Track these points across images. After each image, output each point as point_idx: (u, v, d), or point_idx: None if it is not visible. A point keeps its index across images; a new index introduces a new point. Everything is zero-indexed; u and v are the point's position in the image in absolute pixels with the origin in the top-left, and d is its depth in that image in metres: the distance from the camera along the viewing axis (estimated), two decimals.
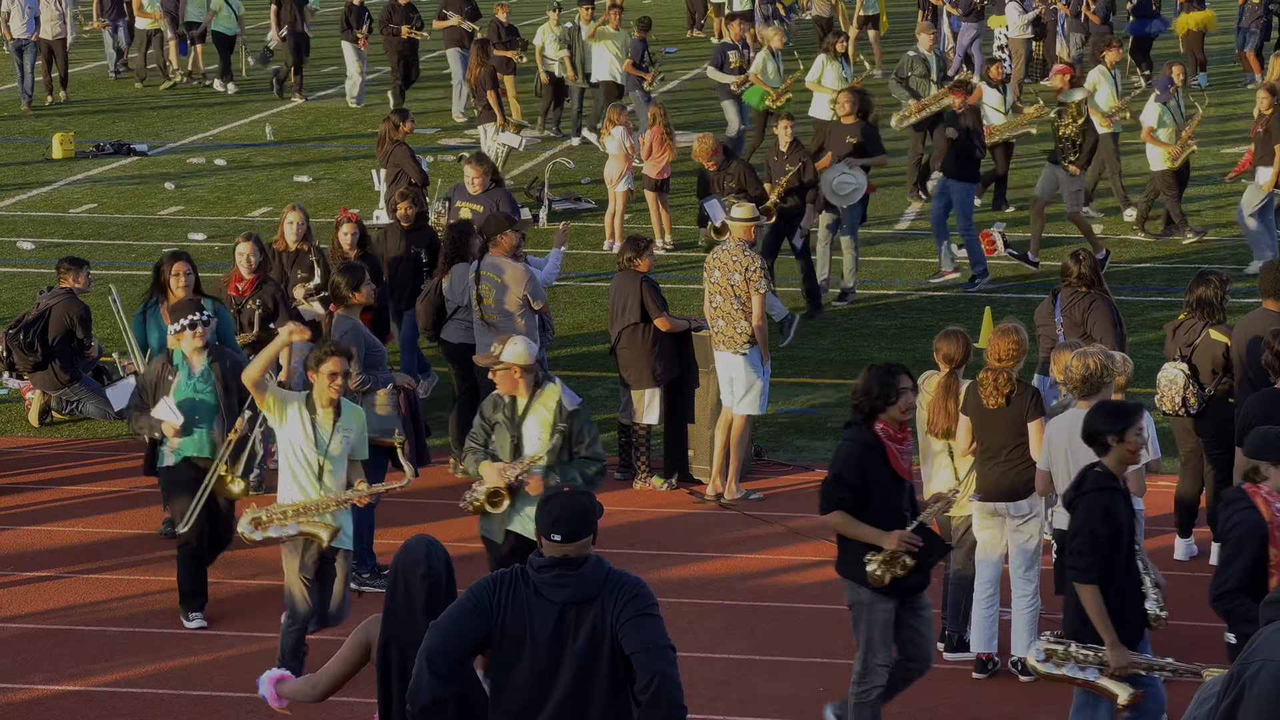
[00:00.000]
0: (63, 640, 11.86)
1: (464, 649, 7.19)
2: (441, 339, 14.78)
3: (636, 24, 27.19)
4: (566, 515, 7.11)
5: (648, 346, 14.28)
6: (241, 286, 14.36)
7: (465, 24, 28.51)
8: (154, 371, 12.24)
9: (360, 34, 29.50)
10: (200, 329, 12.08)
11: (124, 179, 25.58)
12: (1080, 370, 10.43)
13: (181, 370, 12.11)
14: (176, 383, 12.08)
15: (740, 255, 14.08)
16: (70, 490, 14.50)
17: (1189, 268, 18.95)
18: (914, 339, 17.96)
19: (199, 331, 12.08)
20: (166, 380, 12.13)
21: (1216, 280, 12.73)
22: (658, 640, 7.05)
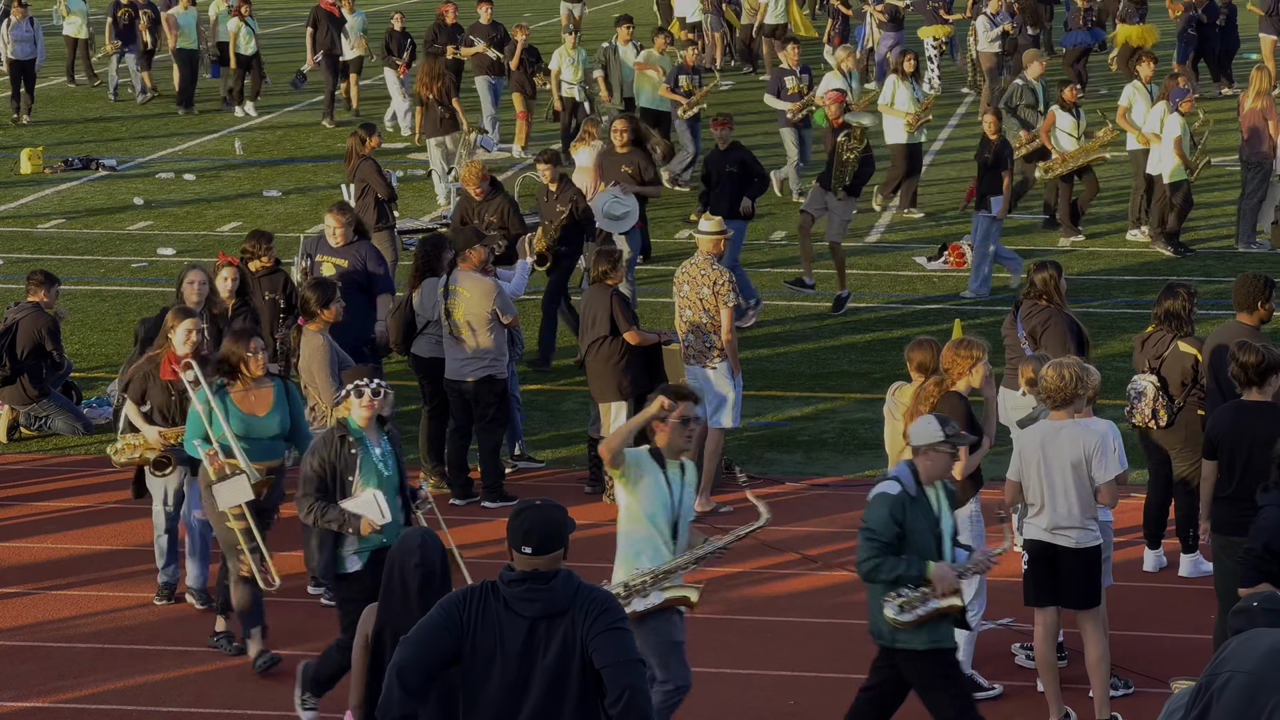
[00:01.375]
0: (31, 657, 11.81)
1: (434, 663, 7.19)
2: (412, 353, 14.76)
3: (682, 47, 26.79)
4: (538, 528, 7.11)
5: (616, 360, 14.28)
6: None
7: (490, 50, 27.55)
8: (330, 448, 10.26)
9: (400, 61, 28.59)
10: (377, 396, 10.32)
11: (93, 194, 25.52)
12: (1055, 381, 10.46)
13: (363, 445, 10.31)
14: (360, 461, 10.30)
15: (708, 269, 14.09)
16: (38, 506, 14.45)
17: (1158, 280, 19.01)
18: (884, 352, 18.00)
19: (372, 401, 10.32)
20: (350, 458, 10.29)
21: (1184, 292, 12.77)
22: (628, 654, 7.05)
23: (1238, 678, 6.59)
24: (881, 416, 12.04)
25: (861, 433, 15.82)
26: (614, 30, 26.88)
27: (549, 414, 16.51)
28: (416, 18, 34.95)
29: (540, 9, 43.40)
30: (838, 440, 15.79)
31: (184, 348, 11.83)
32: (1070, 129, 21.99)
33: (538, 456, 15.40)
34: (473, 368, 14.18)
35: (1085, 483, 10.45)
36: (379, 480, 10.24)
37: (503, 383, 14.29)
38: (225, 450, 11.15)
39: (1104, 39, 32.12)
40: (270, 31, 38.05)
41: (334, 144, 28.27)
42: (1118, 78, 31.47)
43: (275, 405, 11.43)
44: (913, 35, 32.63)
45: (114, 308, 19.73)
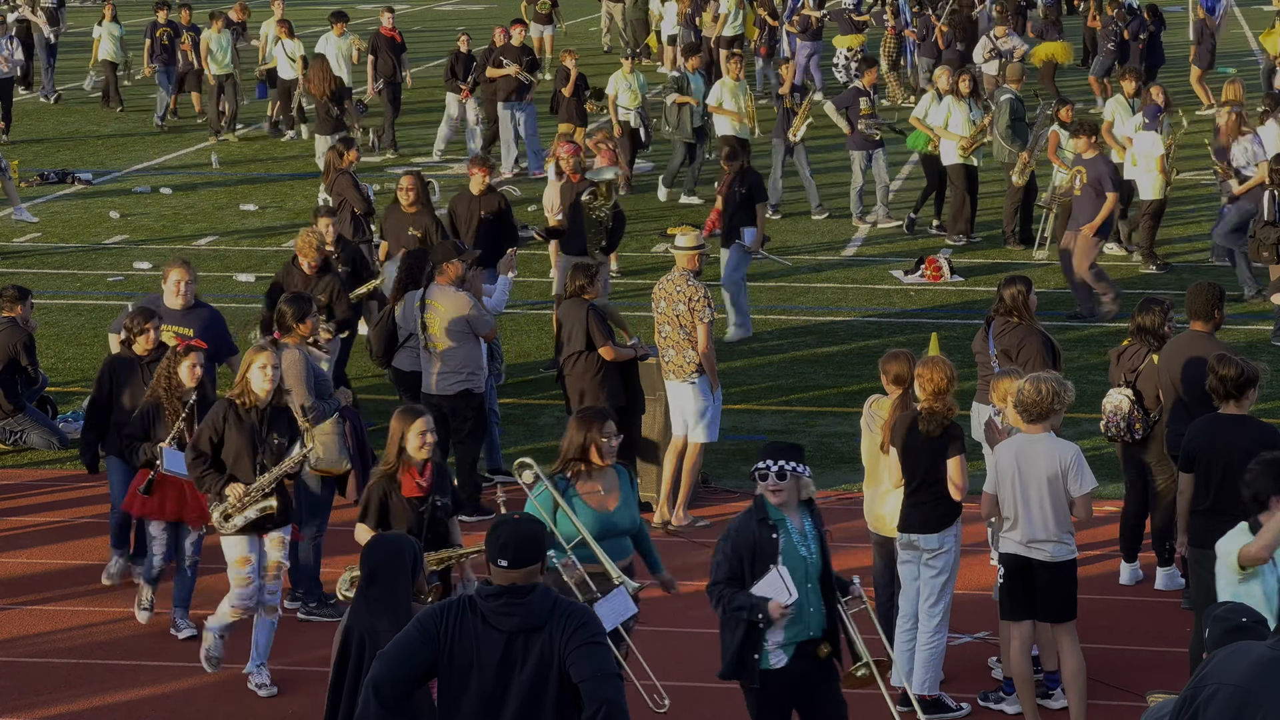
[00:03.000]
0: (6, 672, 11.77)
1: (411, 677, 7.19)
2: (393, 366, 14.76)
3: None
4: (514, 541, 7.13)
5: (593, 374, 14.29)
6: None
7: (522, 74, 26.74)
8: (749, 531, 9.27)
9: (464, 85, 27.56)
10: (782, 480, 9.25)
11: (68, 208, 25.47)
12: (1032, 395, 10.48)
13: (783, 526, 9.29)
14: (780, 544, 9.25)
15: (684, 285, 14.10)
16: (14, 521, 14.41)
17: (1133, 294, 19.05)
18: (861, 365, 18.02)
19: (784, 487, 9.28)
20: (770, 541, 9.24)
21: (1160, 307, 12.80)
22: (605, 668, 7.06)
23: (1224, 690, 6.60)
24: (858, 430, 12.05)
25: (838, 446, 15.84)
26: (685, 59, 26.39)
27: (526, 428, 16.50)
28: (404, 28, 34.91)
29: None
30: (814, 454, 15.79)
31: (419, 454, 10.49)
32: (1072, 149, 21.96)
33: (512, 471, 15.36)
34: (449, 381, 14.17)
35: (1061, 496, 10.47)
36: (804, 568, 9.19)
37: (480, 396, 14.28)
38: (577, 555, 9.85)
39: (1027, 51, 32.19)
40: None
41: (311, 158, 28.25)
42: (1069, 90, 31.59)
43: (624, 498, 10.08)
44: (829, 46, 32.88)
45: (90, 321, 19.69)
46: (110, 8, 33.26)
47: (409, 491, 10.39)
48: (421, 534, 10.18)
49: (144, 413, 12.21)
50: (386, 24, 29.16)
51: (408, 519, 10.33)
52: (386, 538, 8.75)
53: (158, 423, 12.13)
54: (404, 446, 10.42)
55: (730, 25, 33.68)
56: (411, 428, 10.40)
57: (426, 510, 10.40)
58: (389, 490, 10.39)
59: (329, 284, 15.34)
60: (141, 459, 12.15)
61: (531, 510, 9.78)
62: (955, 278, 21.32)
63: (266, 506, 11.17)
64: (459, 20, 43.20)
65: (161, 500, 12.03)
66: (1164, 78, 29.32)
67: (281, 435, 11.34)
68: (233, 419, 11.24)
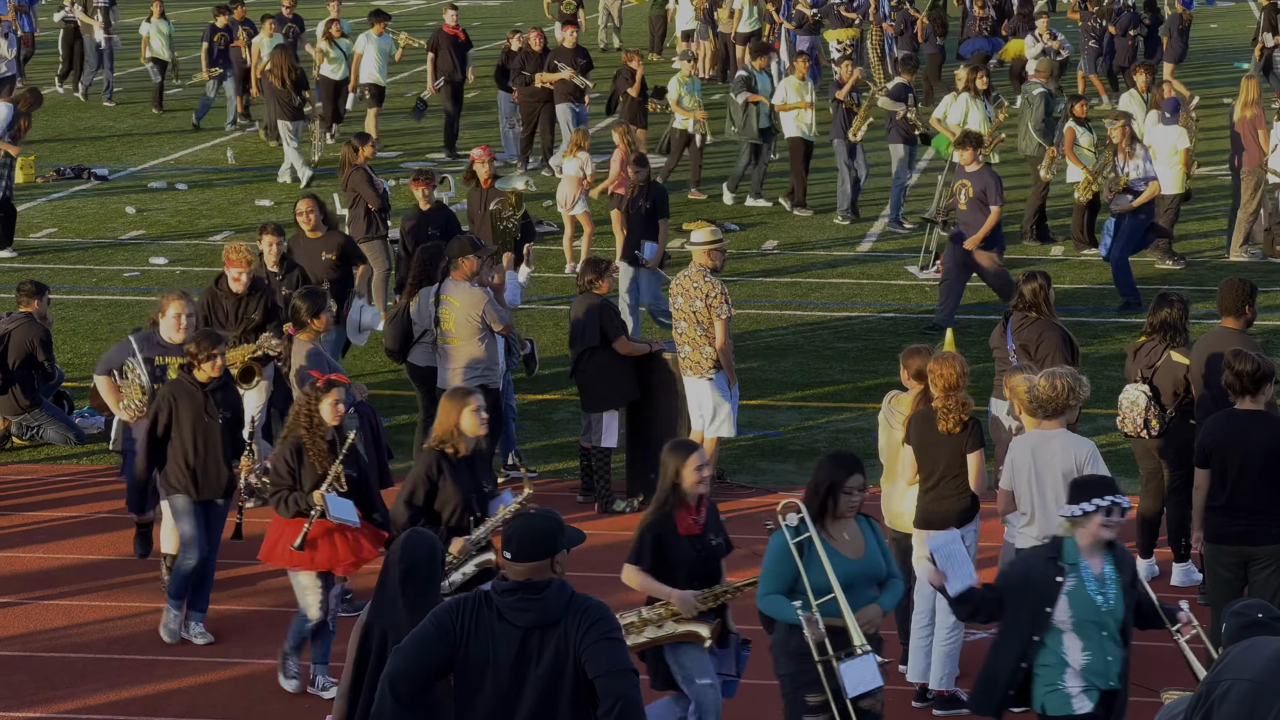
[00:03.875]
0: (23, 667, 11.80)
1: (427, 673, 7.20)
2: (409, 362, 14.77)
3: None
4: (518, 534, 7.15)
5: (607, 369, 14.28)
6: None
7: (578, 79, 26.12)
8: (1030, 567, 8.89)
9: (514, 85, 26.96)
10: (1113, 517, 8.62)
11: (85, 203, 25.52)
12: (1047, 391, 10.46)
13: (1077, 571, 8.80)
14: (1066, 588, 8.78)
15: (701, 281, 14.09)
16: (31, 516, 14.44)
17: (1150, 289, 19.03)
18: (875, 361, 18.01)
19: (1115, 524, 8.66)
20: (1052, 584, 8.77)
21: (1178, 302, 12.78)
22: (620, 664, 7.06)
23: (1239, 685, 6.61)
24: (873, 425, 12.04)
25: (853, 442, 15.82)
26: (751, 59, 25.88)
27: (541, 424, 16.51)
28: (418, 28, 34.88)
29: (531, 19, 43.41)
30: (829, 449, 15.76)
31: (695, 489, 9.80)
32: (1088, 144, 21.93)
33: (530, 466, 15.39)
34: (464, 377, 14.17)
35: None
36: (1097, 616, 8.73)
37: (495, 392, 14.28)
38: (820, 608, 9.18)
39: (1001, 49, 32.12)
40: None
41: (326, 152, 28.26)
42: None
43: (869, 545, 9.39)
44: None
45: (106, 317, 19.72)
46: (158, 4, 32.11)
47: (685, 529, 9.75)
48: (699, 575, 9.72)
49: (287, 456, 11.18)
50: (450, 21, 28.42)
51: (685, 558, 9.71)
52: (423, 534, 8.60)
53: (303, 466, 11.13)
54: (678, 483, 9.72)
55: (746, 21, 33.67)
56: (687, 462, 9.69)
57: (704, 549, 9.80)
58: (664, 529, 9.72)
59: (261, 300, 14.29)
60: (292, 508, 11.11)
61: (778, 551, 9.18)
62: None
63: (485, 561, 10.55)
64: (474, 16, 43.21)
65: (313, 549, 11.10)
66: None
67: (490, 482, 10.99)
68: (446, 469, 10.61)
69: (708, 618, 9.75)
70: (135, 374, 12.86)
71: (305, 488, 11.07)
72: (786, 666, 9.23)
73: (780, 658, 9.27)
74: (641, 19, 40.47)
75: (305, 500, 11.06)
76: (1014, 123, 24.47)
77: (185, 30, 36.03)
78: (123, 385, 12.89)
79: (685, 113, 25.13)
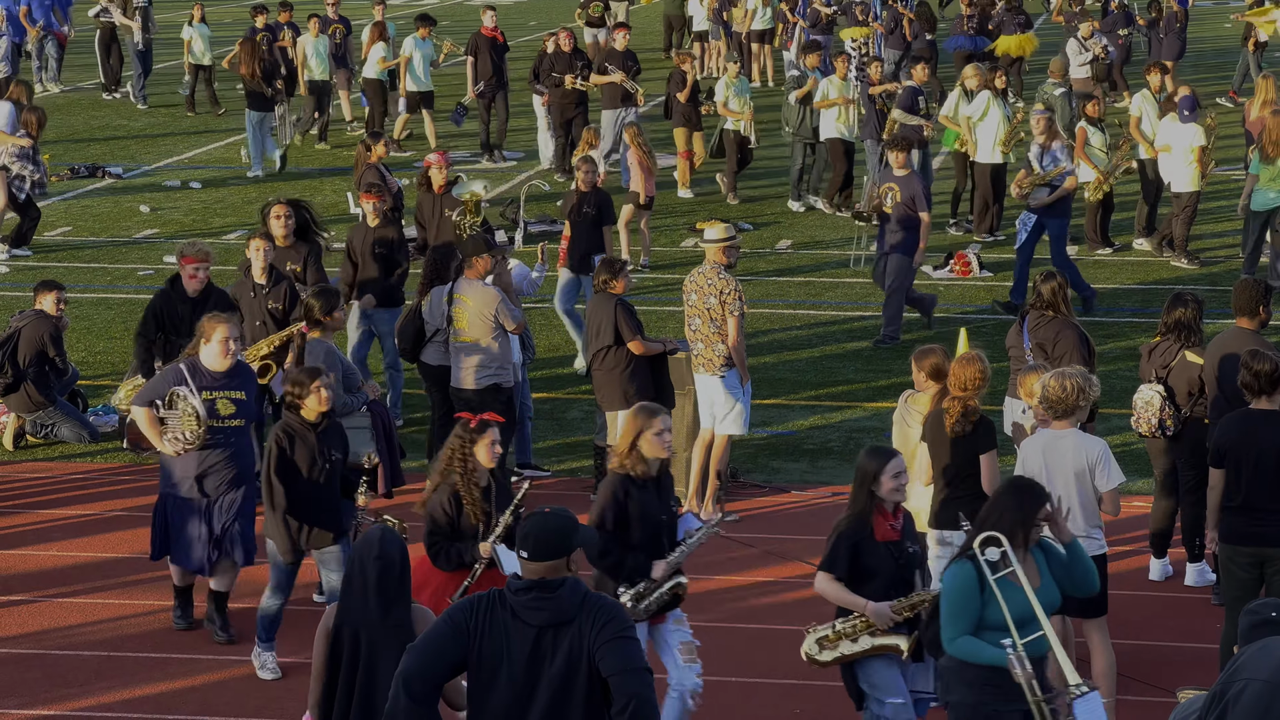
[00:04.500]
0: (36, 665, 11.81)
1: (441, 671, 7.20)
2: (421, 361, 14.77)
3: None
4: (535, 533, 7.15)
5: (621, 369, 14.29)
6: None
7: (628, 82, 25.40)
8: None
9: (545, 91, 26.39)
10: None
11: (99, 202, 25.55)
12: (1057, 391, 10.46)
13: None
14: None
15: (715, 278, 14.09)
16: (45, 514, 14.45)
17: (1164, 289, 19.01)
18: (889, 360, 18.00)
19: None
20: None
21: (1192, 302, 12.76)
22: (634, 663, 7.05)
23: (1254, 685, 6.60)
24: (887, 425, 12.04)
25: (867, 441, 15.79)
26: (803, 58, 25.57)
27: (555, 422, 16.51)
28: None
29: (545, 20, 43.43)
30: (843, 449, 15.78)
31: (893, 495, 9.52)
32: (1100, 144, 21.87)
33: (544, 465, 15.39)
34: (478, 376, 14.18)
35: (1089, 492, 10.44)
36: None
37: (509, 391, 14.28)
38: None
39: (986, 47, 32.06)
40: None
41: (340, 153, 28.30)
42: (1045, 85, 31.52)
43: (1043, 573, 9.04)
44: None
45: (120, 315, 19.74)
46: (199, 8, 31.77)
47: (883, 535, 9.41)
48: (897, 584, 9.40)
49: (445, 504, 10.40)
50: (488, 24, 27.65)
51: (884, 566, 9.41)
52: (394, 533, 8.43)
53: (461, 515, 10.41)
54: (875, 488, 9.44)
55: (760, 19, 33.66)
56: (886, 468, 9.42)
57: (901, 557, 9.47)
58: (861, 535, 9.40)
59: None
60: (455, 561, 10.36)
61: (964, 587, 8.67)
62: (984, 273, 21.29)
63: (678, 585, 10.16)
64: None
65: None
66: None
67: (675, 502, 10.44)
68: (634, 492, 10.03)
69: (903, 629, 9.38)
70: (187, 403, 11.70)
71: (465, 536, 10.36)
72: (962, 695, 8.73)
73: (954, 685, 8.76)
74: (656, 18, 40.45)
75: (471, 552, 10.30)
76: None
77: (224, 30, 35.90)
78: (168, 416, 11.76)
79: (732, 113, 24.84)
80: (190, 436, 11.68)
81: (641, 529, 10.00)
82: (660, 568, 10.03)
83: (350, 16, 31.27)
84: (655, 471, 10.13)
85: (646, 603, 9.98)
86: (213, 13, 35.09)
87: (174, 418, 11.71)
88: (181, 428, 11.69)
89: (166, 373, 11.99)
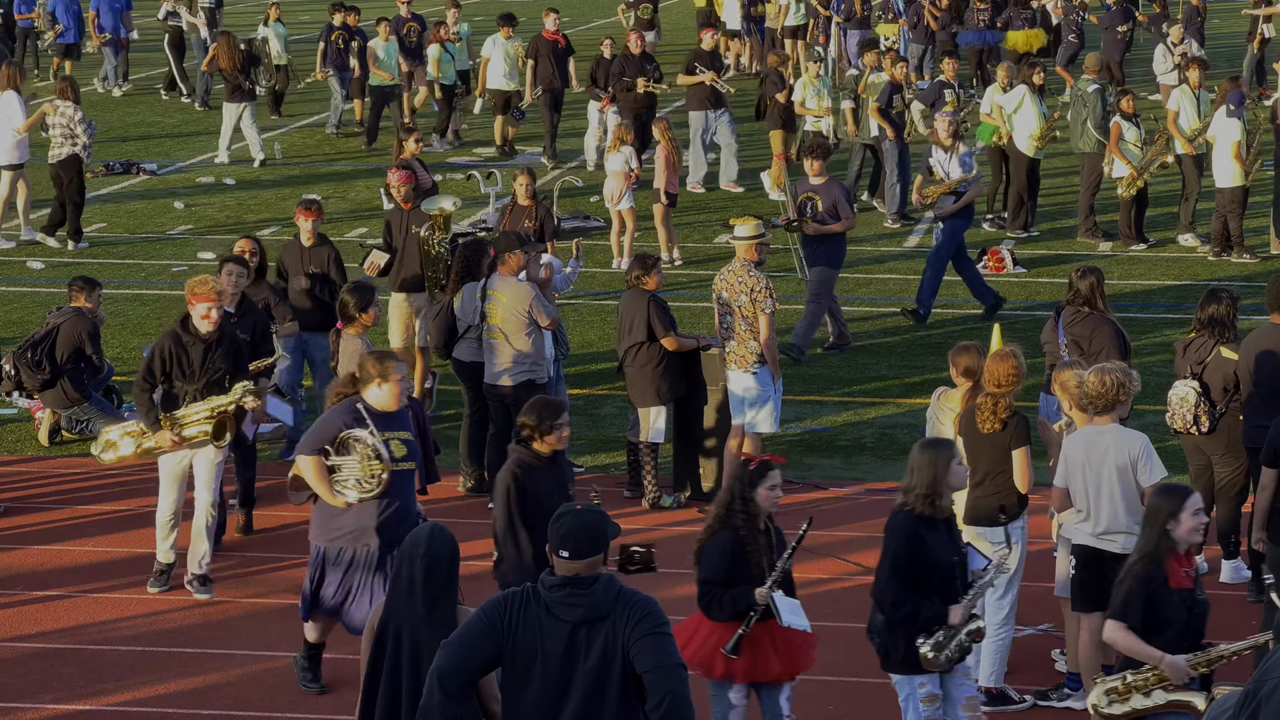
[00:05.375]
0: (73, 660, 11.86)
1: (475, 668, 7.20)
2: (453, 358, 14.79)
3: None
4: (574, 532, 7.13)
5: (654, 365, 14.29)
6: None
7: (717, 82, 24.95)
8: None
9: (604, 94, 25.84)
10: None
11: (133, 198, 25.63)
12: (1097, 387, 10.44)
13: None
14: None
15: (745, 275, 14.08)
16: (80, 509, 14.51)
17: (1198, 285, 18.95)
18: (923, 356, 17.97)
19: None
20: None
21: (1227, 298, 12.72)
22: (669, 659, 7.05)
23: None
24: (920, 421, 12.02)
25: (900, 438, 15.79)
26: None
27: (588, 418, 16.52)
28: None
29: (577, 14, 43.44)
30: (876, 445, 15.76)
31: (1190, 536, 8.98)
32: (1134, 140, 21.78)
33: (577, 461, 15.41)
34: (512, 372, 14.18)
35: (1131, 487, 10.41)
36: None
37: (543, 387, 14.29)
38: None
39: (999, 42, 31.95)
40: None
41: (378, 153, 28.33)
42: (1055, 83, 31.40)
43: None
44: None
45: (154, 311, 19.81)
46: (275, 8, 31.14)
47: (1177, 583, 8.85)
48: (1189, 634, 8.91)
49: (724, 551, 9.72)
50: (550, 26, 27.34)
51: (1177, 615, 8.85)
52: (445, 532, 8.32)
53: (739, 562, 9.70)
54: (1170, 528, 8.80)
55: (793, 15, 33.64)
56: (1184, 506, 8.84)
57: (1194, 605, 8.94)
58: (1155, 582, 8.81)
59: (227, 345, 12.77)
60: (729, 609, 9.70)
61: None
62: (1018, 269, 21.24)
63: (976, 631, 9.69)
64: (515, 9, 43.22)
65: (750, 658, 9.76)
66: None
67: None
68: (924, 533, 9.48)
69: (1195, 684, 8.87)
70: (368, 446, 10.78)
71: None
72: None
73: None
74: (688, 13, 40.42)
75: (746, 599, 9.68)
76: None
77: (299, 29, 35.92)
78: (341, 463, 10.81)
79: (810, 112, 24.62)
80: (372, 483, 10.77)
81: (935, 571, 9.45)
82: (957, 612, 9.47)
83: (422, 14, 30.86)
84: (948, 511, 9.58)
85: (946, 651, 9.46)
86: (287, 12, 34.29)
87: (349, 464, 10.79)
88: (360, 473, 10.77)
89: (334, 415, 10.94)
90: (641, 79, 25.32)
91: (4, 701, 11.24)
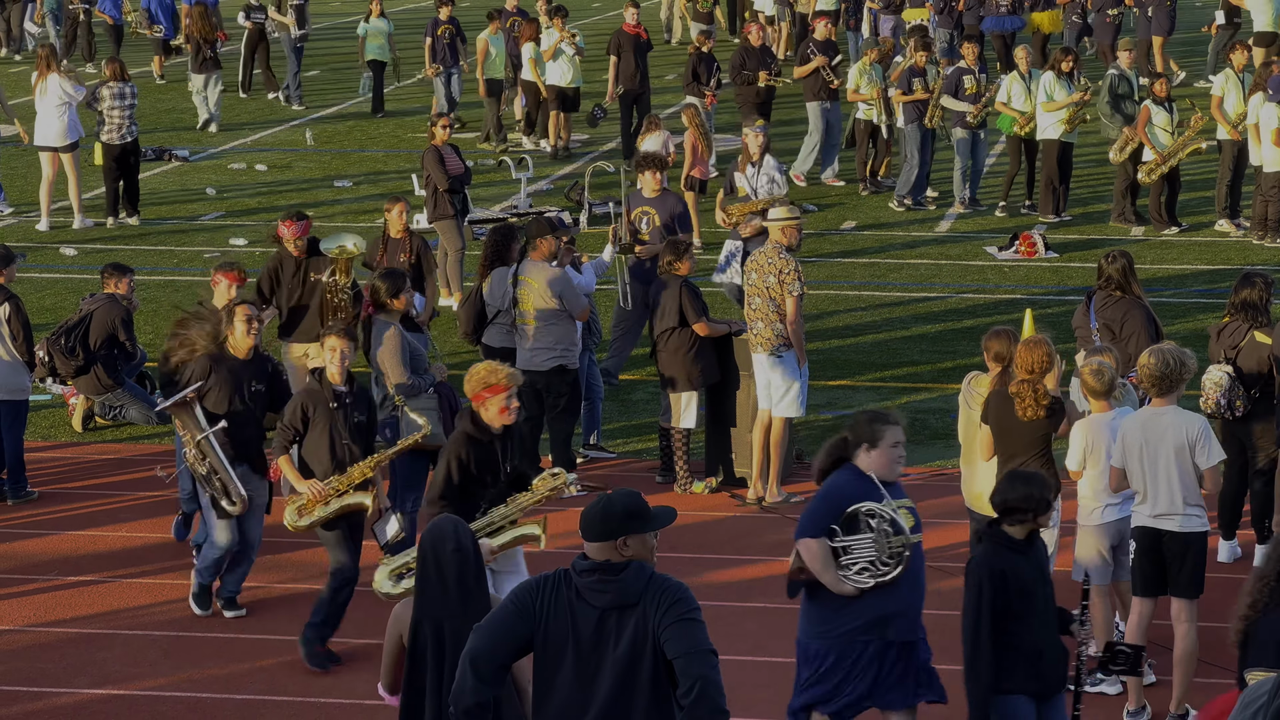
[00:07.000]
0: (107, 644, 11.91)
1: (507, 652, 7.21)
2: (483, 343, 14.80)
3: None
4: (588, 514, 7.14)
5: (686, 350, 14.29)
6: None
7: (826, 70, 24.35)
8: None
9: (708, 90, 24.94)
10: None
11: (166, 185, 25.70)
12: (1158, 368, 10.42)
13: None
14: None
15: (775, 258, 14.07)
16: (114, 495, 14.56)
17: (1231, 269, 18.88)
18: (955, 341, 17.95)
19: None
20: None
21: (1261, 282, 12.67)
22: (700, 645, 7.04)
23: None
24: (952, 406, 12.00)
25: (932, 423, 15.77)
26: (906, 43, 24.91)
27: (620, 404, 16.53)
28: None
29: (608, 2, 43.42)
30: (909, 431, 15.69)
31: None
32: (1164, 124, 21.67)
33: (609, 446, 15.42)
34: (543, 358, 14.19)
35: (1189, 468, 10.38)
36: None
37: (574, 372, 14.30)
38: None
39: (1019, 28, 31.82)
40: None
41: (404, 133, 28.37)
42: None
43: None
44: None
45: (187, 297, 19.81)
46: (377, 4, 29.89)
47: None
48: None
49: None
50: (630, 20, 26.41)
51: None
52: (464, 523, 8.39)
53: None
54: None
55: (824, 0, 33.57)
56: None
57: None
58: None
59: None
60: None
61: None
62: (1050, 254, 21.18)
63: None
64: None
65: None
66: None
67: None
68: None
69: None
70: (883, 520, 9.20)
71: None
72: None
73: None
74: None
75: None
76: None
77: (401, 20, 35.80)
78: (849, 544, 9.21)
79: (862, 98, 24.19)
80: (895, 561, 9.15)
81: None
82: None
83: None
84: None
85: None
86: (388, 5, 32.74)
87: (860, 546, 9.17)
88: (877, 554, 9.15)
89: (839, 491, 9.31)
90: (763, 72, 24.67)
91: (40, 686, 11.30)
